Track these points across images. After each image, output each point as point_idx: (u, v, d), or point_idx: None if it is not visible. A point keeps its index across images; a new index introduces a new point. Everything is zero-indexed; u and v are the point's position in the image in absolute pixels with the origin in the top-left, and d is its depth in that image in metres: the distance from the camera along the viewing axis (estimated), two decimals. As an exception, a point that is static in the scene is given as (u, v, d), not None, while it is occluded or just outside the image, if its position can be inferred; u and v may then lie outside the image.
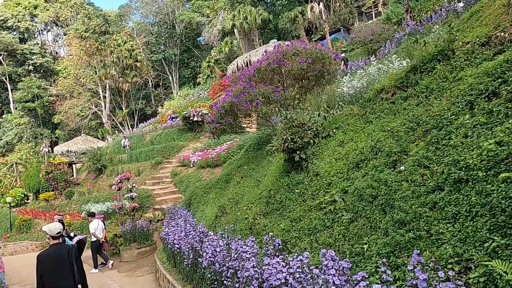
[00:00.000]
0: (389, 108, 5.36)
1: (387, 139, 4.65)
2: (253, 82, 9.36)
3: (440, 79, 4.67)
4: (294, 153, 6.52)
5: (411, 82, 5.17)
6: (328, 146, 6.38)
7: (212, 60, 41.18)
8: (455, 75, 4.60)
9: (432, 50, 4.90)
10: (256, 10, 35.26)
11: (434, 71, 4.77)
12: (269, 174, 8.04)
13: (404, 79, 5.32)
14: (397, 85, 5.41)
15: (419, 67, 5.13)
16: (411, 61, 6.00)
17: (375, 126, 5.43)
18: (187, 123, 24.92)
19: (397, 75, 5.51)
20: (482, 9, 5.71)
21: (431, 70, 4.84)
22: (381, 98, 5.74)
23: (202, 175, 16.95)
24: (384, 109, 5.48)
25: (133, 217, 15.41)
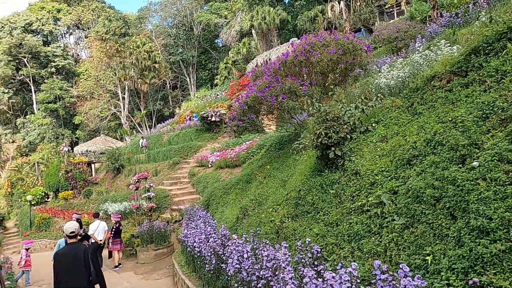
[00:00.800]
0: (445, 96, 4.60)
1: (449, 131, 3.90)
2: (278, 76, 8.69)
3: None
4: (328, 149, 5.80)
5: (473, 66, 4.40)
6: (368, 142, 5.65)
7: (230, 61, 40.80)
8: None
9: (501, 28, 4.13)
10: (274, 11, 34.68)
11: (504, 51, 4.00)
12: (296, 173, 7.34)
13: (462, 63, 4.55)
14: (454, 70, 4.65)
15: (482, 49, 4.35)
16: (463, 47, 5.22)
17: (427, 117, 4.67)
18: (205, 123, 24.45)
19: (453, 60, 4.74)
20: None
21: (500, 50, 4.07)
22: (433, 86, 4.97)
23: (221, 176, 16.37)
24: (438, 98, 4.72)
25: (150, 218, 14.95)
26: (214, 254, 6.20)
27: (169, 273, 10.68)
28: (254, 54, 36.83)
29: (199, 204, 14.28)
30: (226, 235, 7.15)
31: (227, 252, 5.89)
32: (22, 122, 49.07)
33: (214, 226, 8.23)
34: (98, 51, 43.56)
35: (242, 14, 40.82)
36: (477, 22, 6.75)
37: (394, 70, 6.32)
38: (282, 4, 40.35)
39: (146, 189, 15.86)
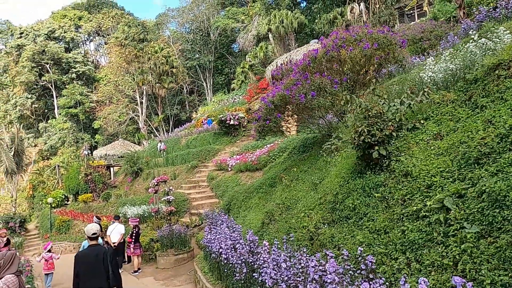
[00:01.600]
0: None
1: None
2: (308, 72, 8.16)
3: None
4: (371, 148, 5.23)
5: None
6: (417, 140, 5.05)
7: (247, 66, 40.52)
8: None
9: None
10: (292, 14, 34.24)
11: None
12: (331, 175, 6.76)
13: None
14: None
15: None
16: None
17: (495, 111, 4.06)
18: (223, 126, 24.08)
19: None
20: None
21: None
22: (498, 76, 4.36)
23: (241, 179, 15.87)
24: (506, 88, 4.10)
25: (169, 222, 14.54)
26: (244, 262, 5.67)
27: (190, 279, 10.20)
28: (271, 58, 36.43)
29: (219, 208, 13.80)
30: (255, 241, 6.62)
31: (260, 260, 5.36)
32: (44, 127, 49.88)
33: (240, 232, 7.70)
34: (117, 56, 43.97)
35: (259, 19, 40.55)
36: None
37: (440, 63, 5.70)
38: (299, 7, 39.92)
39: (165, 192, 15.49)
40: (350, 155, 6.76)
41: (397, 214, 4.46)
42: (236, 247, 6.69)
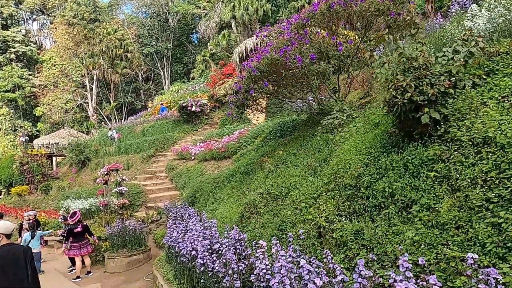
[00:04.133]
0: None
1: None
2: (307, 28, 6.56)
3: None
4: (417, 111, 3.73)
5: None
6: (485, 99, 3.63)
7: (208, 54, 38.29)
8: None
9: None
10: (258, 1, 32.60)
11: None
12: (340, 154, 5.20)
13: None
14: None
15: None
16: None
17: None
18: (184, 113, 21.86)
19: None
20: None
21: None
22: None
23: (206, 169, 13.99)
24: None
25: (121, 217, 12.27)
26: (238, 273, 3.92)
27: (148, 286, 8.22)
28: (234, 47, 34.56)
29: (182, 201, 11.86)
30: (242, 240, 4.90)
31: (259, 268, 3.66)
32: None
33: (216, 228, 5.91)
34: (64, 37, 39.44)
35: (222, 5, 38.42)
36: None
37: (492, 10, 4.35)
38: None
39: (117, 183, 13.17)
40: (366, 128, 5.27)
41: (477, 200, 2.98)
42: (217, 249, 4.93)
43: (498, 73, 3.82)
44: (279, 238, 5.24)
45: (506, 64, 3.83)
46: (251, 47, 18.14)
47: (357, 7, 6.10)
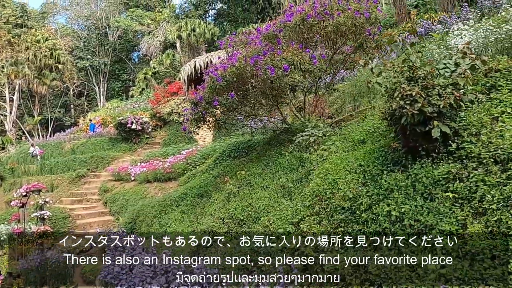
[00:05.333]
0: None
1: None
2: (280, 39, 6.09)
3: None
4: (425, 125, 3.32)
5: None
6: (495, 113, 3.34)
7: (150, 72, 36.65)
8: None
9: None
10: (205, 24, 32.42)
11: None
12: (322, 173, 4.61)
13: None
14: None
15: None
16: None
17: None
18: (122, 131, 20.03)
19: None
20: None
21: None
22: None
23: (148, 191, 12.56)
24: None
25: (41, 247, 10.23)
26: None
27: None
28: (178, 67, 33.62)
29: (119, 227, 10.32)
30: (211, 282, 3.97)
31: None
32: None
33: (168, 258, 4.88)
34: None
35: (167, 25, 37.57)
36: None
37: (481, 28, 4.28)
38: (212, 20, 38.44)
39: (38, 206, 11.11)
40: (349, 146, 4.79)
41: None
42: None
43: (501, 89, 3.64)
44: (250, 272, 4.41)
45: (508, 81, 3.67)
46: (201, 65, 17.46)
47: (333, 20, 5.82)
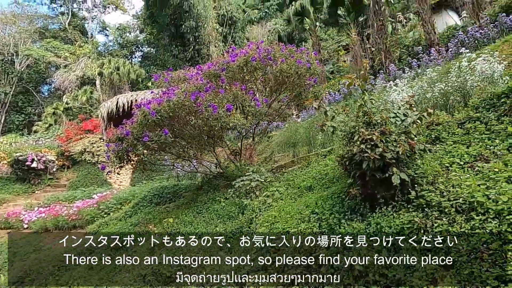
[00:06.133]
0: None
1: None
2: (224, 78, 5.80)
3: None
4: (385, 171, 3.20)
5: None
6: (446, 163, 3.39)
7: (61, 108, 33.31)
8: None
9: None
10: (131, 65, 31.36)
11: None
12: (276, 220, 4.15)
13: None
14: None
15: None
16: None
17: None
18: (18, 169, 17.11)
19: None
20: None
21: None
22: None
23: (45, 242, 10.43)
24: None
25: None
26: None
27: None
28: (95, 105, 31.28)
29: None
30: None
31: None
32: None
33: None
34: None
35: (88, 60, 35.44)
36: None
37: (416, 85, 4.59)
38: (137, 63, 37.39)
39: None
40: (294, 193, 4.48)
41: (488, 278, 2.39)
42: None
43: (445, 141, 3.78)
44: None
45: (450, 133, 3.85)
46: (124, 104, 16.26)
47: (276, 66, 5.81)
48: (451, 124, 3.96)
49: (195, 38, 33.36)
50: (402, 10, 23.10)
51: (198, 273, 4.37)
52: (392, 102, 4.63)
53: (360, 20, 19.72)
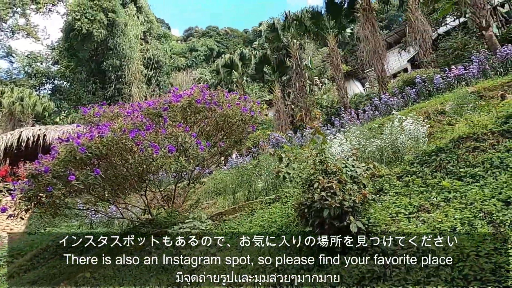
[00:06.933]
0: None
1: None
2: (166, 118, 5.47)
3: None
4: (342, 219, 3.26)
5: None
6: (393, 212, 3.59)
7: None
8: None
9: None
10: (39, 96, 28.26)
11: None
12: (226, 273, 3.77)
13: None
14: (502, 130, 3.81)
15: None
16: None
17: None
18: None
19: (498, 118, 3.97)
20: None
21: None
22: (466, 149, 3.89)
23: None
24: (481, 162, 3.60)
25: None
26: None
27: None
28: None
29: None
30: None
31: None
32: None
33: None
34: None
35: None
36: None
37: (351, 141, 4.98)
38: (46, 95, 33.83)
39: None
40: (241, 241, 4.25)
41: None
42: None
43: (388, 192, 4.04)
44: None
45: (391, 185, 4.14)
46: (28, 137, 14.14)
47: (222, 111, 5.76)
48: (391, 176, 4.32)
49: (117, 77, 31.99)
50: (319, 75, 25.87)
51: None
52: (332, 154, 4.90)
53: (283, 79, 21.35)
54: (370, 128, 6.84)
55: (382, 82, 14.84)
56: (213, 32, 50.80)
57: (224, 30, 51.65)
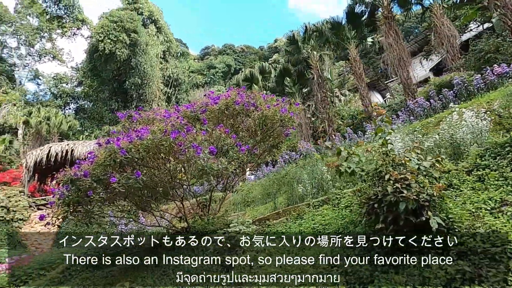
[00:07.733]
0: None
1: None
2: (206, 120, 5.29)
3: None
4: (418, 215, 2.90)
5: None
6: (471, 208, 3.21)
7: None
8: None
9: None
10: (64, 116, 28.96)
11: None
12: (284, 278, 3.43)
13: None
14: None
15: None
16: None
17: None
18: None
19: None
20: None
21: None
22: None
23: None
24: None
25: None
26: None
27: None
28: (13, 157, 27.60)
29: None
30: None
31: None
32: None
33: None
34: None
35: (12, 108, 32.12)
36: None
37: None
38: (71, 114, 34.72)
39: None
40: (295, 245, 3.92)
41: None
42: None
43: (458, 187, 3.66)
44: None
45: (461, 180, 3.77)
46: (57, 153, 14.29)
47: (259, 112, 5.53)
48: (458, 171, 3.94)
49: (138, 95, 32.58)
50: (338, 87, 25.60)
51: None
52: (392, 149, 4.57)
53: (304, 91, 21.17)
54: (414, 128, 6.50)
55: (409, 90, 14.45)
56: (229, 50, 51.56)
57: (240, 48, 52.35)
